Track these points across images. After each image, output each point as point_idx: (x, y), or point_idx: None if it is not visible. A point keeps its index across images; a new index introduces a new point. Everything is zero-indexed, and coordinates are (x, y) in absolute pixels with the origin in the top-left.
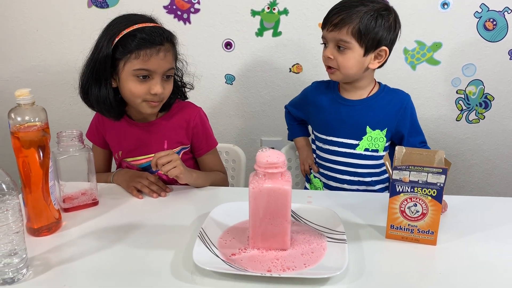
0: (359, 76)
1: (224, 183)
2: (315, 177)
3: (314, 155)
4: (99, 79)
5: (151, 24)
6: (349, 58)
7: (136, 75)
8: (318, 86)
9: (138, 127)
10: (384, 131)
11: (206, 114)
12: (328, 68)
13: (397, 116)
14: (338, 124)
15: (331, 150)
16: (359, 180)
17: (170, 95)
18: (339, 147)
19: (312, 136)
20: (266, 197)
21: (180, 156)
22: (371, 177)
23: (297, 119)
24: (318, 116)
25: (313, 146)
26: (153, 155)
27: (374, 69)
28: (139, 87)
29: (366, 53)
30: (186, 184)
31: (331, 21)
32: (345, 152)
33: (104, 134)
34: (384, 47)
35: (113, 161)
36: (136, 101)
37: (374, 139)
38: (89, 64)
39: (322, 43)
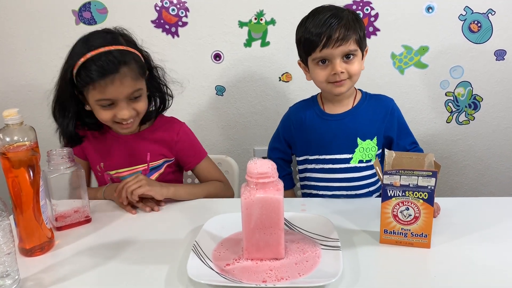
0: None
1: (225, 190)
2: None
3: (307, 182)
4: (63, 109)
5: (105, 49)
6: (358, 64)
7: (100, 105)
8: (297, 107)
9: (121, 139)
10: (375, 140)
11: (189, 128)
12: (336, 83)
13: (384, 122)
14: (330, 141)
15: (325, 169)
16: (355, 194)
17: (149, 107)
18: (333, 164)
19: (298, 167)
20: (258, 207)
21: (163, 168)
22: (368, 187)
23: (284, 159)
24: (306, 137)
25: (302, 175)
26: (136, 167)
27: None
28: (105, 114)
29: (362, 55)
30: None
31: (334, 38)
32: (340, 168)
33: (84, 145)
34: (367, 46)
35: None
36: (108, 124)
37: (366, 149)
38: (56, 87)
39: (320, 62)
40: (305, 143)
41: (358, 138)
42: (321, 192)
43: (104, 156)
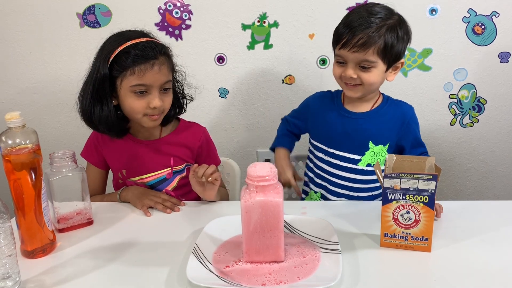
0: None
1: (227, 197)
2: (312, 190)
3: (312, 165)
4: (99, 99)
5: (144, 39)
6: (374, 75)
7: (134, 91)
8: (322, 96)
9: (143, 145)
10: (387, 146)
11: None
12: (348, 84)
13: (400, 131)
14: (342, 137)
15: (332, 163)
16: (358, 196)
17: (170, 107)
18: (341, 161)
19: (309, 146)
20: (258, 210)
21: (185, 172)
22: (371, 191)
23: (292, 131)
24: (320, 127)
25: (311, 156)
26: (160, 171)
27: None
28: (138, 102)
29: (388, 67)
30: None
31: (353, 42)
32: (347, 167)
33: (105, 153)
34: (402, 59)
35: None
36: (137, 116)
37: (377, 154)
38: (87, 85)
39: (338, 61)
40: (318, 131)
41: (370, 141)
42: (324, 183)
43: (126, 163)
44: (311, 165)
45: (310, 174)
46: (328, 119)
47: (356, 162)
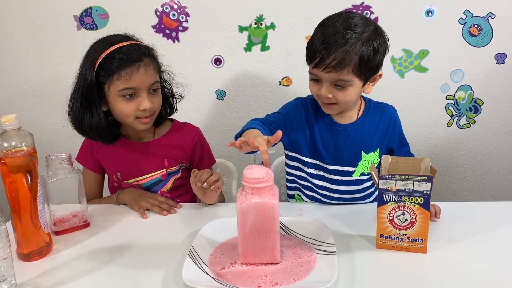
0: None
1: (223, 199)
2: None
3: (302, 182)
4: (89, 106)
5: (127, 43)
6: (350, 93)
7: (122, 95)
8: (308, 104)
9: (137, 147)
10: (377, 152)
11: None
12: (324, 103)
13: (387, 134)
14: (334, 151)
15: (326, 178)
16: (355, 204)
17: (161, 107)
18: (335, 175)
19: (290, 162)
20: (254, 212)
21: (179, 173)
22: (369, 198)
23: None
24: (311, 140)
25: (294, 172)
26: (154, 173)
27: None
28: (127, 106)
29: (365, 83)
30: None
31: (326, 63)
32: (342, 180)
33: (99, 157)
34: (380, 72)
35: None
36: (128, 120)
37: (368, 161)
38: (76, 93)
39: (313, 79)
40: (308, 145)
41: (362, 151)
42: (319, 197)
43: (121, 165)
44: (303, 182)
45: (308, 192)
46: (317, 131)
47: (350, 174)
